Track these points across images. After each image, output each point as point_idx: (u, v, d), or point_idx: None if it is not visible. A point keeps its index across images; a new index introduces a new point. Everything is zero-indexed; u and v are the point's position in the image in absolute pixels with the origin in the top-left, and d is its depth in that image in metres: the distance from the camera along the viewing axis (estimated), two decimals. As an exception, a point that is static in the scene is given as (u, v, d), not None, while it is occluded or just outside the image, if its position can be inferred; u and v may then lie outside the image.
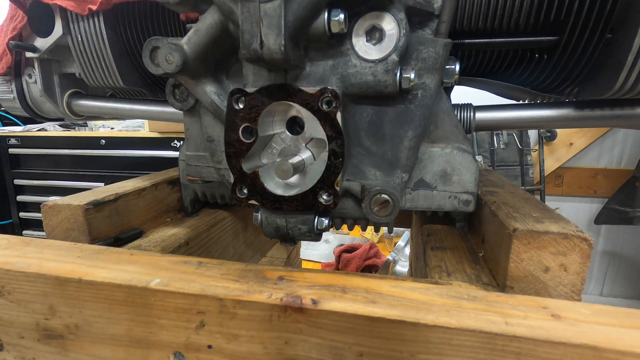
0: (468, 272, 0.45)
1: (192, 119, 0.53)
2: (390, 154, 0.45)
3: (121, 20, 0.65)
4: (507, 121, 0.61)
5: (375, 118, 0.44)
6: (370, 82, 0.40)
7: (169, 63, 0.43)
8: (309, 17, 0.37)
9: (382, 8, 0.38)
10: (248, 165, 0.44)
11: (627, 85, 0.46)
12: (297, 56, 0.39)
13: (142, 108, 0.77)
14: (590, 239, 0.36)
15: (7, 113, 0.97)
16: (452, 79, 0.47)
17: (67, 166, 2.06)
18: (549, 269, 0.37)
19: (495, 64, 0.60)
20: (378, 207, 0.44)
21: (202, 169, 0.55)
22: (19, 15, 0.67)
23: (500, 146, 2.30)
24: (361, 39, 0.40)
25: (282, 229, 0.46)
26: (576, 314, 0.31)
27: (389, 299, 0.33)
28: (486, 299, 0.34)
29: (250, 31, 0.36)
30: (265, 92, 0.41)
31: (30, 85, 0.77)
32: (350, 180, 0.45)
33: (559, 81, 0.55)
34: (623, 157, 2.26)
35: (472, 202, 0.47)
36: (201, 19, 0.42)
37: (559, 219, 0.41)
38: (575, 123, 0.59)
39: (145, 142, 1.92)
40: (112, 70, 0.67)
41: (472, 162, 0.46)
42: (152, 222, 0.62)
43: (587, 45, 0.49)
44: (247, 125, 0.42)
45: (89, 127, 2.28)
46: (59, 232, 0.52)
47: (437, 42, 0.42)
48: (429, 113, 0.44)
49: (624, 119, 0.56)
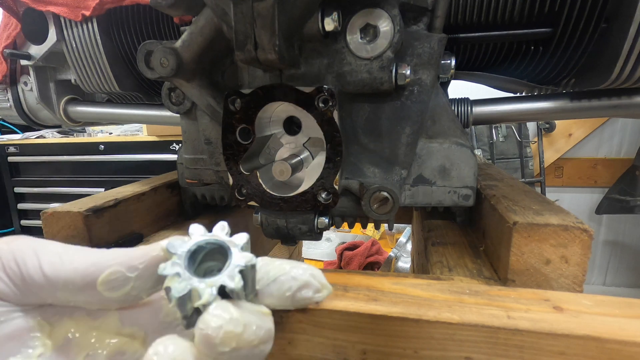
0: (469, 266, 0.45)
1: (189, 122, 0.53)
2: (388, 151, 0.45)
3: (115, 25, 0.65)
4: (504, 114, 0.61)
5: (372, 115, 0.44)
6: (366, 80, 0.40)
7: (163, 67, 0.42)
8: (302, 17, 0.37)
9: (376, 5, 0.38)
10: (246, 167, 0.44)
11: (623, 74, 0.46)
12: (291, 56, 0.39)
13: (139, 112, 0.76)
14: (591, 230, 0.36)
15: (4, 121, 0.97)
16: (448, 73, 0.47)
17: (66, 172, 2.05)
18: (550, 261, 0.37)
19: (491, 58, 0.60)
20: (377, 204, 0.44)
21: (200, 172, 0.55)
22: (13, 23, 0.67)
23: (499, 139, 2.29)
24: (355, 37, 0.40)
25: (282, 229, 0.46)
26: (578, 306, 0.31)
27: (390, 296, 0.33)
28: (488, 293, 0.34)
29: (243, 32, 0.36)
30: (261, 92, 0.41)
31: (26, 93, 0.77)
32: (349, 178, 0.45)
33: (555, 73, 0.55)
34: (622, 147, 2.25)
35: (472, 196, 0.47)
36: (194, 22, 0.42)
37: (559, 210, 0.41)
38: (573, 114, 0.59)
39: (143, 146, 1.91)
40: (108, 76, 0.67)
41: (470, 156, 0.46)
42: (153, 226, 0.62)
43: (582, 35, 0.49)
44: (244, 127, 0.42)
45: (87, 133, 2.29)
46: (60, 239, 0.52)
47: (431, 37, 0.42)
48: (425, 109, 0.44)
49: (622, 108, 0.56)
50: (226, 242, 0.24)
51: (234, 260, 0.23)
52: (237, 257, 0.23)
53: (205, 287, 0.22)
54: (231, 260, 0.23)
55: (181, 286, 0.21)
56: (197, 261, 0.24)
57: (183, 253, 0.23)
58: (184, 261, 0.22)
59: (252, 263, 0.24)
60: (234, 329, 0.20)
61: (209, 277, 0.22)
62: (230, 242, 0.24)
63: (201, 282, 0.22)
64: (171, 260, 0.22)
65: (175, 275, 0.22)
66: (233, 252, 0.23)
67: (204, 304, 0.21)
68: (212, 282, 0.22)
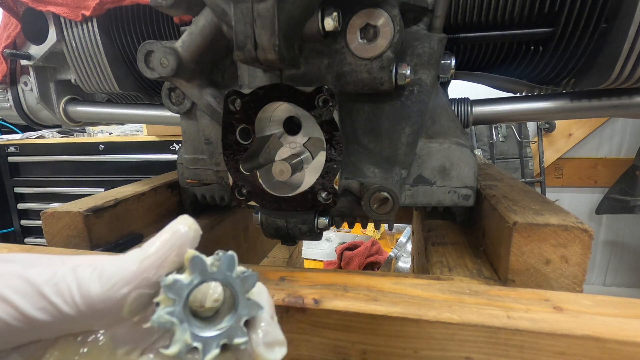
0: (469, 266, 0.45)
1: (189, 122, 0.53)
2: (388, 151, 0.45)
3: (115, 25, 0.65)
4: (504, 114, 0.61)
5: (372, 115, 0.44)
6: (366, 80, 0.40)
7: (163, 67, 0.42)
8: (302, 17, 0.37)
9: (376, 5, 0.38)
10: (246, 167, 0.44)
11: (623, 74, 0.46)
12: (291, 56, 0.39)
13: (139, 112, 0.76)
14: (591, 230, 0.36)
15: (4, 121, 0.97)
16: (448, 73, 0.47)
17: (66, 172, 2.05)
18: (550, 261, 0.37)
19: (491, 58, 0.60)
20: (377, 204, 0.44)
21: (200, 172, 0.55)
22: (13, 23, 0.67)
23: (499, 139, 2.29)
24: (355, 37, 0.40)
25: (282, 229, 0.46)
26: (578, 306, 0.31)
27: (390, 296, 0.33)
28: (488, 293, 0.34)
29: (243, 32, 0.36)
30: (261, 92, 0.41)
31: (26, 93, 0.77)
32: (349, 178, 0.45)
33: (555, 73, 0.55)
34: (622, 146, 2.25)
35: (472, 196, 0.47)
36: (194, 22, 0.42)
37: (559, 210, 0.41)
38: (573, 114, 0.59)
39: (143, 146, 1.92)
40: (108, 76, 0.67)
41: (470, 156, 0.46)
42: (153, 226, 0.62)
43: (582, 36, 0.49)
44: (244, 127, 0.42)
45: (87, 133, 2.28)
46: (60, 239, 0.52)
47: (431, 37, 0.42)
48: (425, 109, 0.44)
49: (622, 108, 0.56)
50: (235, 289, 0.21)
51: (240, 309, 0.21)
52: (242, 305, 0.21)
53: (209, 345, 0.20)
54: (237, 310, 0.21)
55: (182, 340, 0.20)
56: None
57: (182, 295, 0.20)
58: (181, 302, 0.20)
59: (256, 315, 0.22)
60: None
61: (210, 326, 0.20)
62: (237, 285, 0.21)
63: (203, 338, 0.20)
64: (168, 297, 0.20)
65: (173, 319, 0.20)
66: (240, 302, 0.21)
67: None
68: (213, 340, 0.20)
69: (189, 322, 0.20)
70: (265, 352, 0.21)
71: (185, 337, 0.20)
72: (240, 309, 0.21)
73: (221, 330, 0.21)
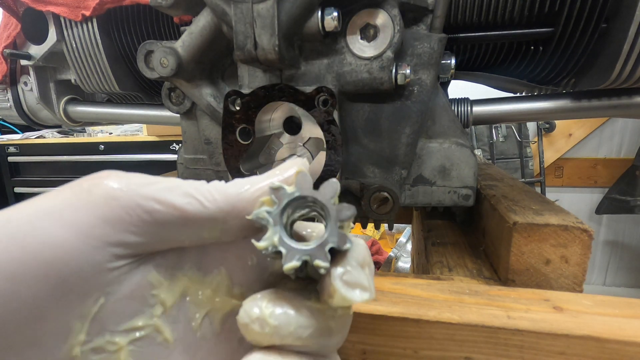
0: (469, 266, 0.45)
1: (189, 122, 0.53)
2: (388, 151, 0.45)
3: (115, 25, 0.65)
4: (504, 114, 0.61)
5: (372, 115, 0.44)
6: (366, 80, 0.40)
7: (163, 67, 0.42)
8: (302, 17, 0.37)
9: (376, 5, 0.38)
10: (246, 167, 0.44)
11: (623, 74, 0.46)
12: (291, 56, 0.39)
13: (139, 112, 0.76)
14: (591, 230, 0.36)
15: (4, 121, 0.97)
16: (448, 73, 0.47)
17: (67, 172, 2.06)
18: (550, 261, 0.37)
19: (491, 57, 0.60)
20: (377, 204, 0.44)
21: (200, 172, 0.55)
22: (13, 23, 0.67)
23: (499, 139, 2.29)
24: (355, 37, 0.40)
25: (282, 229, 0.46)
26: (578, 306, 0.31)
27: (390, 296, 0.33)
28: (488, 293, 0.34)
29: (243, 32, 0.36)
30: (261, 92, 0.41)
31: (26, 93, 0.77)
32: (349, 178, 0.45)
33: (555, 73, 0.55)
34: (622, 147, 2.25)
35: (472, 196, 0.47)
36: (194, 22, 0.42)
37: (559, 210, 0.41)
38: (573, 114, 0.59)
39: (143, 146, 1.92)
40: (108, 76, 0.67)
41: (470, 156, 0.46)
42: (153, 226, 0.62)
43: (582, 35, 0.49)
44: (244, 127, 0.42)
45: (87, 133, 2.29)
46: (60, 239, 0.52)
47: (431, 37, 0.42)
48: (425, 109, 0.44)
49: (622, 108, 0.56)
50: (329, 213, 0.21)
51: (329, 235, 0.21)
52: (332, 233, 0.21)
53: (292, 255, 0.20)
54: (326, 236, 0.21)
55: (271, 239, 0.21)
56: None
57: (283, 201, 0.21)
58: (280, 207, 0.21)
59: (342, 248, 0.21)
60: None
61: (299, 244, 0.21)
62: (332, 211, 0.21)
63: (288, 246, 0.21)
64: (268, 210, 0.21)
65: (269, 218, 0.21)
66: (330, 228, 0.21)
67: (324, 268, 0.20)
68: (297, 252, 0.21)
69: (282, 228, 0.21)
70: (343, 289, 0.20)
71: (274, 238, 0.21)
72: (329, 236, 0.21)
73: (307, 247, 0.21)
